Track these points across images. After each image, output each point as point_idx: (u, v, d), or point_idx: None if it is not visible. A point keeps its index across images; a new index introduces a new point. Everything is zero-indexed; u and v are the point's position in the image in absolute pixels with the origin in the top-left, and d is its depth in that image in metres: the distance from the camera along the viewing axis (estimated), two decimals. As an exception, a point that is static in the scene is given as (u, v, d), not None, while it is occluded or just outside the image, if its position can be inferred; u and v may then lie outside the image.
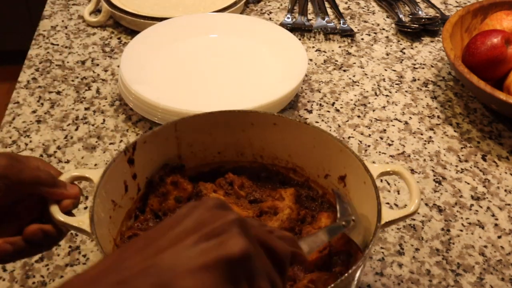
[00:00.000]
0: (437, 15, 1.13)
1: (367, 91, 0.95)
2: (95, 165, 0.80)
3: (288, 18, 1.10)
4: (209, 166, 0.69)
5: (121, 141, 0.84)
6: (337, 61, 1.01)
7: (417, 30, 1.08)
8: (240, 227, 0.36)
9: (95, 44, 1.04)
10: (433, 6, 1.16)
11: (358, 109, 0.91)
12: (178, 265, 0.33)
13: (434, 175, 0.80)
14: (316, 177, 0.66)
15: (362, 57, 1.03)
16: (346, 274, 0.48)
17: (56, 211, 0.53)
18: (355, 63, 1.01)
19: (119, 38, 1.05)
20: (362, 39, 1.07)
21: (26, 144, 0.83)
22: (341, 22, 1.10)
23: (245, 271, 0.34)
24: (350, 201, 0.61)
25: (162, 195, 0.64)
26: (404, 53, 1.04)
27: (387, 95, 0.94)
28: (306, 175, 0.68)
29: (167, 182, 0.64)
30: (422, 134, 0.87)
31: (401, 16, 1.12)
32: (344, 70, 0.99)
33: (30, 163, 0.53)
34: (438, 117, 0.90)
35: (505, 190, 0.78)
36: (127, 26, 1.07)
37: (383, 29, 1.11)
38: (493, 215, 0.74)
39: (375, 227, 0.52)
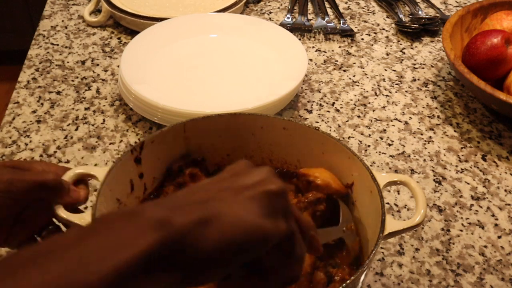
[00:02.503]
0: (437, 15, 1.13)
1: (367, 91, 0.95)
2: (95, 165, 0.80)
3: (288, 18, 1.10)
4: (217, 167, 0.69)
5: (121, 141, 0.84)
6: (337, 61, 1.01)
7: (417, 30, 1.08)
8: (272, 173, 0.41)
9: (95, 44, 1.04)
10: (433, 6, 1.16)
11: (358, 109, 0.91)
12: (229, 199, 0.38)
13: (434, 175, 0.80)
14: None
15: (362, 57, 1.03)
16: (348, 281, 0.48)
17: (59, 209, 0.53)
18: (355, 63, 1.01)
19: (119, 38, 1.05)
20: (362, 39, 1.07)
21: (26, 144, 0.83)
22: (341, 22, 1.10)
23: (281, 204, 0.39)
24: (350, 208, 0.62)
25: (178, 185, 0.65)
26: (404, 53, 1.04)
27: (387, 95, 0.94)
28: None
29: (186, 173, 0.65)
30: (422, 134, 0.87)
31: (401, 16, 1.12)
32: (344, 70, 0.99)
33: (35, 169, 0.53)
34: (438, 117, 0.90)
35: (505, 190, 0.78)
36: (127, 26, 1.07)
37: (383, 29, 1.11)
38: (493, 215, 0.74)
39: (378, 237, 0.52)
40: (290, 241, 0.40)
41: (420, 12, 1.12)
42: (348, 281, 0.49)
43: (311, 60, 1.01)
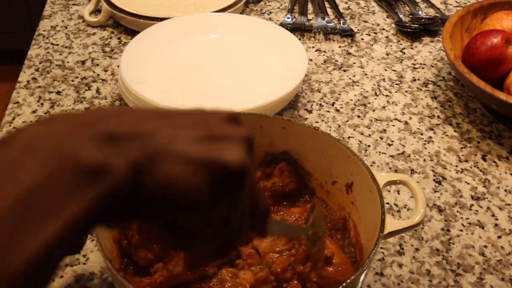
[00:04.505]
0: (437, 15, 1.13)
1: (367, 91, 0.95)
2: (95, 165, 0.80)
3: (288, 18, 1.10)
4: None
5: (121, 141, 0.84)
6: (337, 61, 1.01)
7: (417, 30, 1.08)
8: (246, 143, 0.34)
9: (95, 44, 1.04)
10: (433, 6, 1.16)
11: (358, 109, 0.91)
12: (173, 146, 0.31)
13: (434, 175, 0.80)
14: (323, 183, 0.66)
15: (362, 57, 1.03)
16: (348, 280, 0.48)
17: None
18: (355, 63, 1.01)
19: (119, 38, 1.05)
20: (362, 39, 1.07)
21: (26, 144, 0.83)
22: (341, 22, 1.10)
23: (232, 189, 0.34)
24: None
25: (266, 175, 0.68)
26: (404, 53, 1.04)
27: (387, 95, 0.94)
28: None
29: (276, 167, 0.67)
30: (422, 134, 0.87)
31: (401, 16, 1.12)
32: (344, 70, 0.99)
33: None
34: (438, 117, 0.90)
35: (505, 190, 0.78)
36: (127, 26, 1.07)
37: (383, 29, 1.11)
38: (493, 215, 0.74)
39: (377, 237, 0.52)
40: (225, 228, 0.36)
41: (420, 12, 1.12)
42: (348, 281, 0.49)
43: (311, 60, 1.01)
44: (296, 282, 0.55)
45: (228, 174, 0.32)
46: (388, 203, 0.75)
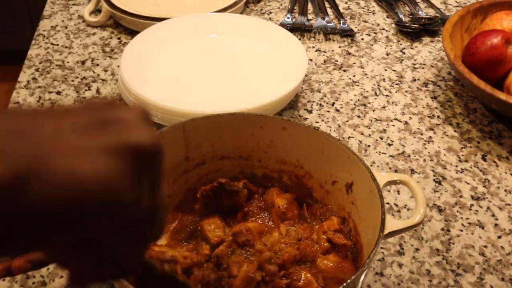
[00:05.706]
0: (437, 15, 1.13)
1: (367, 91, 0.95)
2: (95, 165, 0.80)
3: (288, 18, 1.10)
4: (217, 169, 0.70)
5: (121, 141, 0.84)
6: (337, 61, 1.01)
7: (417, 30, 1.08)
8: (145, 120, 0.30)
9: (95, 44, 1.04)
10: (433, 6, 1.16)
11: (358, 109, 0.91)
12: (68, 144, 0.27)
13: (434, 175, 0.80)
14: (323, 183, 0.66)
15: (362, 57, 1.03)
16: (348, 280, 0.48)
17: None
18: (355, 63, 1.01)
19: (119, 38, 1.05)
20: (362, 39, 1.07)
21: (26, 144, 0.83)
22: (341, 22, 1.10)
23: (153, 167, 0.29)
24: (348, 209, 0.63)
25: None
26: (404, 53, 1.04)
27: (387, 95, 0.94)
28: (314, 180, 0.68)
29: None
30: (422, 134, 0.87)
31: (401, 16, 1.12)
32: (344, 70, 0.99)
33: None
34: (438, 117, 0.90)
35: (505, 190, 0.78)
36: (127, 26, 1.07)
37: (383, 29, 1.11)
38: (493, 215, 0.74)
39: (378, 237, 0.52)
40: (149, 223, 0.30)
41: (420, 12, 1.12)
42: (348, 281, 0.49)
43: (311, 60, 1.01)
44: (309, 275, 0.55)
45: (147, 155, 0.28)
46: (388, 203, 0.75)
